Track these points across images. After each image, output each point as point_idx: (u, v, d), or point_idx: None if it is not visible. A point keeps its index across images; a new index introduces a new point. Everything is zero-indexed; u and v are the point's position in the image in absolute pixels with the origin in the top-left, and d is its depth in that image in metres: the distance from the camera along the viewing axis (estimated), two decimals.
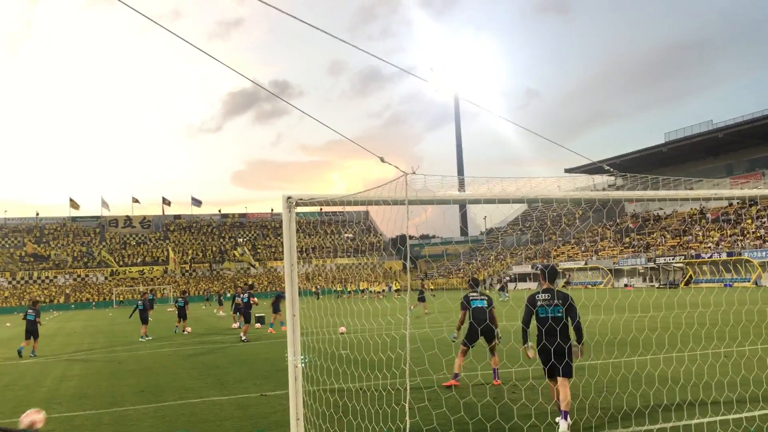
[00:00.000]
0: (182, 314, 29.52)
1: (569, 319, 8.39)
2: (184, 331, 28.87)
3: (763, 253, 56.03)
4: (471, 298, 12.07)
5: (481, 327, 11.28)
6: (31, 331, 21.43)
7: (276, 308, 27.64)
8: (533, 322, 8.65)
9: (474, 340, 11.67)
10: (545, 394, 10.14)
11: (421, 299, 35.86)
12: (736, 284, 54.51)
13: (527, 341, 8.74)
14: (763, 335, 15.39)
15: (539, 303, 8.52)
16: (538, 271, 9.26)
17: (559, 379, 8.28)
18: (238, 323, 29.53)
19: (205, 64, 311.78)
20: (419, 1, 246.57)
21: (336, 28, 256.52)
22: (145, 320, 27.26)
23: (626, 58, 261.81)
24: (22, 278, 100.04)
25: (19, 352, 21.46)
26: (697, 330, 16.98)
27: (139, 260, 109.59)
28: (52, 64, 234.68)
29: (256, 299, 29.55)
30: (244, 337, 23.47)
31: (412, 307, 34.26)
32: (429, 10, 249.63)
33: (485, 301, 12.02)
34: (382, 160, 6.89)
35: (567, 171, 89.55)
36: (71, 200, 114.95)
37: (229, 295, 64.70)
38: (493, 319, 11.87)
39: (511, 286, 72.93)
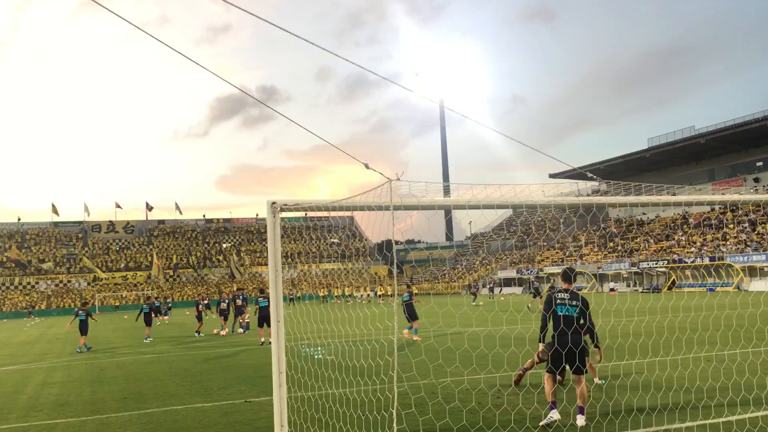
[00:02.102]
0: (148, 320, 29.20)
1: (583, 320, 8.87)
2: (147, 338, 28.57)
3: (745, 257, 56.55)
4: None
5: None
6: (83, 329, 24.60)
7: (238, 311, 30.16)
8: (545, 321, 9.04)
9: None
10: (527, 400, 10.15)
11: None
12: (718, 289, 54.99)
13: (543, 341, 9.07)
14: (742, 341, 15.51)
15: (557, 301, 8.92)
16: (560, 273, 9.57)
17: (574, 376, 8.76)
18: (225, 329, 29.66)
19: (193, 70, 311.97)
20: (406, 9, 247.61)
21: (324, 34, 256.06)
22: (149, 323, 28.84)
23: (610, 65, 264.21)
24: (3, 284, 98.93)
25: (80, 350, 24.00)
26: (680, 335, 17.08)
27: (122, 266, 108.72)
28: (37, 70, 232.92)
29: (239, 302, 29.83)
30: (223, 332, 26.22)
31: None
32: (416, 18, 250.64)
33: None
34: (367, 166, 6.88)
35: (551, 176, 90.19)
36: (53, 205, 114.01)
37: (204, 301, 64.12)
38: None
39: (495, 290, 73.17)
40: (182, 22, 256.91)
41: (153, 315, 30.35)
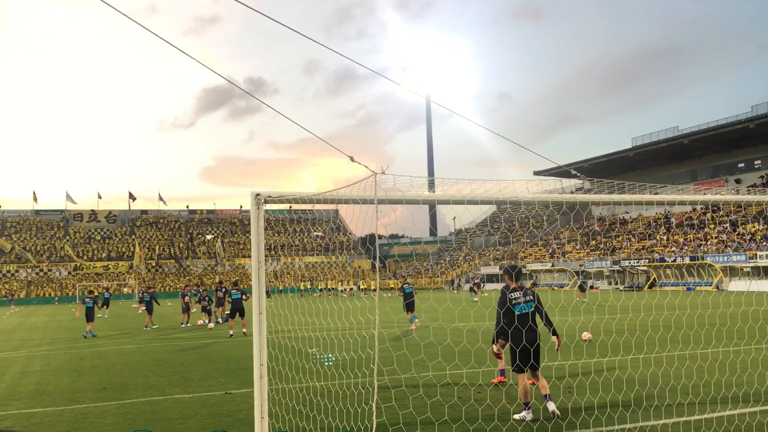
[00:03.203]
0: (149, 308, 30.76)
1: (538, 312, 9.08)
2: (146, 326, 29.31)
3: (725, 257, 57.13)
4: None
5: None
6: (89, 316, 25.70)
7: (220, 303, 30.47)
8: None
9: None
10: (510, 395, 10.19)
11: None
12: (698, 288, 55.51)
13: (495, 341, 9.08)
14: (724, 339, 15.68)
15: (514, 302, 8.97)
16: (503, 272, 9.53)
17: (535, 372, 8.96)
18: (205, 321, 29.70)
19: (180, 61, 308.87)
20: (395, 4, 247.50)
21: (312, 27, 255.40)
22: (150, 311, 30.41)
23: (596, 64, 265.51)
24: None
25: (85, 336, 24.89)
26: (663, 333, 17.22)
27: (104, 255, 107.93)
28: (22, 57, 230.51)
29: (220, 294, 30.10)
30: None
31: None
32: (405, 13, 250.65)
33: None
34: (352, 159, 6.86)
35: (536, 174, 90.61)
36: (34, 194, 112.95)
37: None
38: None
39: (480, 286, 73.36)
40: (170, 13, 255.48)
41: (155, 303, 31.44)
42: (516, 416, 8.87)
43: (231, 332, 23.18)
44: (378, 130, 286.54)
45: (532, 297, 9.09)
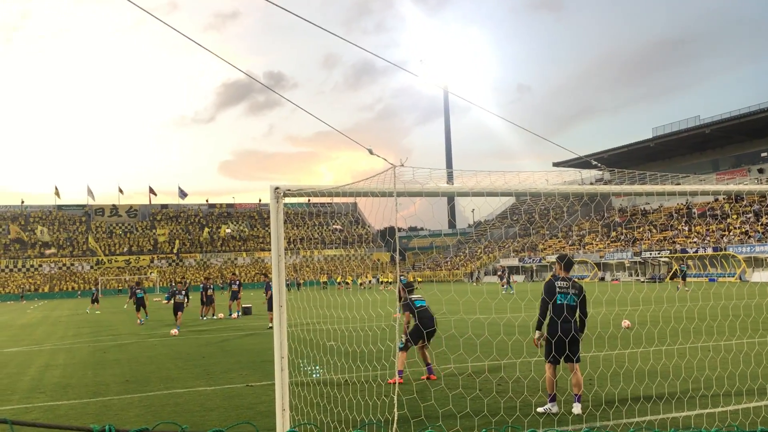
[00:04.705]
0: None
1: (580, 309, 8.88)
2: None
3: (748, 248, 56.42)
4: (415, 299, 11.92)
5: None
6: (141, 305, 29.25)
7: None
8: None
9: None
10: (531, 387, 10.14)
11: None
12: (721, 279, 54.87)
13: (540, 329, 9.00)
14: (749, 330, 15.49)
15: (558, 290, 8.85)
16: (555, 261, 9.50)
17: (571, 365, 8.81)
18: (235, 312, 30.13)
19: (201, 57, 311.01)
20: None
21: (331, 21, 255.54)
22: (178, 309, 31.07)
23: (616, 54, 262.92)
24: (7, 266, 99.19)
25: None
26: (686, 324, 17.05)
27: (125, 249, 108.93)
28: (45, 55, 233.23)
29: (235, 287, 30.60)
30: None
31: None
32: (423, 6, 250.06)
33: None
34: (371, 151, 6.83)
35: (555, 165, 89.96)
36: (56, 188, 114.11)
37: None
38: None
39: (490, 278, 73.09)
40: (191, 9, 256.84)
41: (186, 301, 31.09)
42: (540, 409, 8.79)
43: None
44: (396, 124, 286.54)
45: (577, 291, 8.89)
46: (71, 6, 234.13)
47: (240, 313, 30.53)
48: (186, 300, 27.52)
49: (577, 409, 8.68)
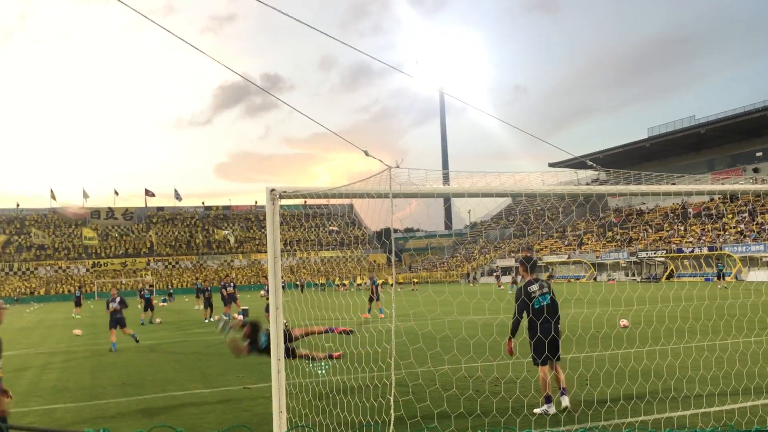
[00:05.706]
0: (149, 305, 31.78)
1: (554, 308, 9.02)
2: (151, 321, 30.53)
3: (744, 248, 56.57)
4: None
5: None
6: (149, 306, 30.49)
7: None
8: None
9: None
10: (525, 387, 10.17)
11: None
12: (716, 279, 55.00)
13: (514, 336, 9.03)
14: (745, 330, 15.55)
15: (532, 296, 8.97)
16: (519, 264, 9.52)
17: (556, 364, 9.01)
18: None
19: (198, 59, 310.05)
20: None
21: (328, 23, 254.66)
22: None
23: (611, 55, 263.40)
24: (2, 269, 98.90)
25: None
26: (680, 324, 17.11)
27: (121, 252, 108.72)
28: (42, 57, 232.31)
29: (230, 290, 30.47)
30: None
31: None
32: (420, 8, 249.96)
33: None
34: (367, 153, 6.85)
35: (551, 165, 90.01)
36: (52, 191, 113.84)
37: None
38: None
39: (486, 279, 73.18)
40: (187, 11, 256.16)
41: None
42: (536, 410, 8.81)
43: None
44: (392, 125, 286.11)
45: (547, 289, 9.06)
46: (68, 8, 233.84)
47: (241, 314, 30.39)
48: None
49: (565, 401, 8.85)
